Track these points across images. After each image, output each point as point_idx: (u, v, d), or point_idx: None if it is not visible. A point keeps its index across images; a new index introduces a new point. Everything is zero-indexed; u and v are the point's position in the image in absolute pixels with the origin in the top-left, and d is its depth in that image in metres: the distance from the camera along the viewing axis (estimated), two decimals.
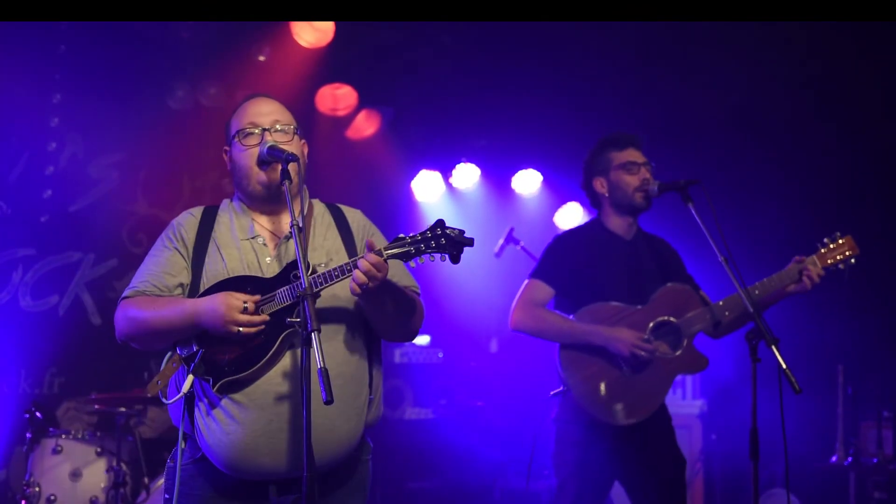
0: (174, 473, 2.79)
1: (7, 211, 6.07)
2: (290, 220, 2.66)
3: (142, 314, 2.79)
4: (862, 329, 6.61)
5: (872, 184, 6.82)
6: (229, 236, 2.90)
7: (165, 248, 2.91)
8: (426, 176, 7.51)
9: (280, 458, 2.70)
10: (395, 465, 6.91)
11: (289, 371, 2.72)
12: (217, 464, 2.74)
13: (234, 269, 2.83)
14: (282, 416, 2.70)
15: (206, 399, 2.74)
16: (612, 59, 6.48)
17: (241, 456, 2.69)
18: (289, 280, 2.74)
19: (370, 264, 2.64)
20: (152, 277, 2.86)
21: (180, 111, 6.45)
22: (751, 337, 3.57)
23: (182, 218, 2.99)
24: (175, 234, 2.93)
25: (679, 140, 6.81)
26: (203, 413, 2.74)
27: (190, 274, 2.86)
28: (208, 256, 2.86)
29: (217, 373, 2.70)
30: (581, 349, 3.99)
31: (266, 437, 2.68)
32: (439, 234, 2.70)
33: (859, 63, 6.22)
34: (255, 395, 2.70)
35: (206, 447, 2.74)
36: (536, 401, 6.64)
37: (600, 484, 4.06)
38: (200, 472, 2.80)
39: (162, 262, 2.88)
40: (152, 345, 2.88)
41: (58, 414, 5.92)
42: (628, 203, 4.17)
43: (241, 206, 2.98)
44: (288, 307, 2.70)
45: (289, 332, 2.70)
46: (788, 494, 3.91)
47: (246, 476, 2.74)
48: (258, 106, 2.98)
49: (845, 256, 4.07)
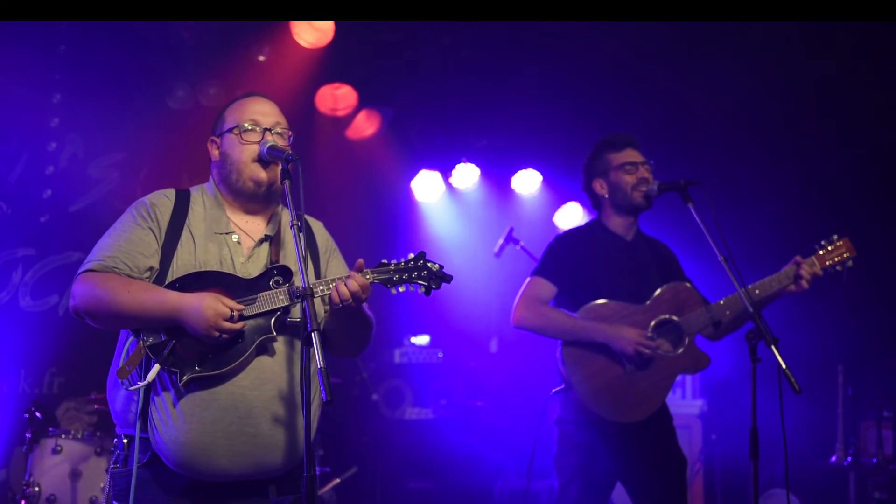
0: (121, 480, 2.72)
1: (7, 211, 6.06)
2: (291, 219, 2.65)
3: (114, 295, 2.68)
4: (862, 329, 6.61)
5: (872, 184, 6.82)
6: (203, 227, 2.85)
7: (138, 226, 2.80)
8: (426, 176, 7.51)
9: (237, 460, 2.67)
10: (395, 465, 6.91)
11: (257, 374, 2.71)
12: (169, 463, 2.67)
13: (205, 262, 2.78)
14: (244, 418, 2.68)
15: (163, 393, 2.68)
16: (612, 59, 6.48)
17: (197, 455, 2.64)
18: (268, 285, 2.74)
19: (358, 286, 2.68)
20: (122, 254, 2.75)
21: (180, 111, 6.45)
22: (750, 337, 3.57)
23: (156, 198, 2.88)
24: (150, 213, 2.82)
25: (679, 140, 6.81)
26: (159, 407, 2.67)
27: (159, 258, 2.77)
28: (181, 244, 2.80)
29: (185, 366, 2.66)
30: (583, 346, 4.00)
31: (225, 439, 2.66)
32: (421, 265, 2.81)
33: (859, 63, 6.22)
34: (220, 395, 2.67)
35: (159, 445, 2.67)
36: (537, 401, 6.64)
37: (603, 485, 4.06)
38: (152, 477, 2.70)
39: (134, 241, 2.77)
40: (112, 325, 2.78)
41: (57, 414, 5.91)
42: (628, 203, 4.18)
43: (216, 199, 2.92)
44: (268, 312, 2.70)
45: (265, 337, 2.70)
46: (788, 494, 3.91)
47: (198, 476, 2.68)
48: (259, 105, 2.98)
49: (843, 258, 4.11)
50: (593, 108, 6.82)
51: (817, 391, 6.47)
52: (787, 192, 6.99)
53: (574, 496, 4.01)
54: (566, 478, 4.06)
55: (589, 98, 6.83)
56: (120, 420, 2.80)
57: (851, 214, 6.60)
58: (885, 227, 6.64)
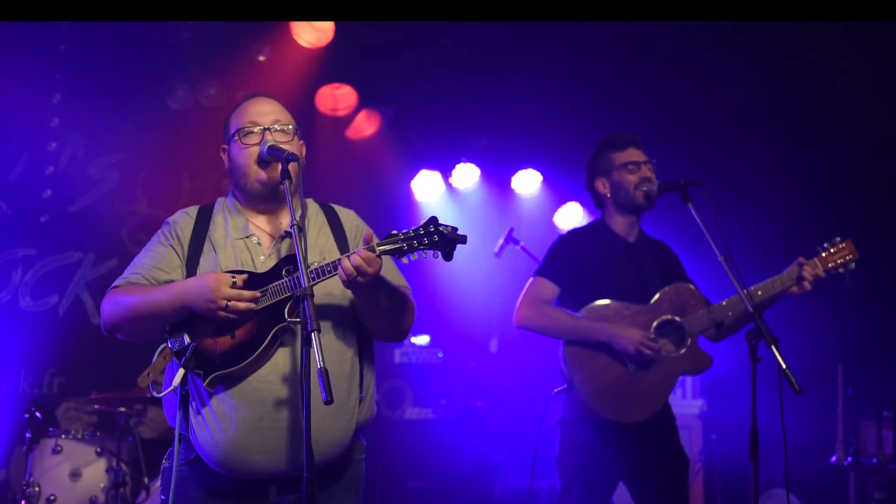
0: (170, 474, 2.79)
1: (7, 211, 6.07)
2: (290, 219, 2.66)
3: (129, 299, 2.79)
4: (862, 329, 6.61)
5: (872, 184, 6.82)
6: (224, 235, 2.91)
7: (160, 245, 2.92)
8: (426, 176, 7.51)
9: (271, 457, 2.70)
10: (395, 465, 6.91)
11: (280, 369, 2.73)
12: (210, 463, 2.75)
13: (226, 266, 2.83)
14: (273, 414, 2.70)
15: (198, 397, 2.75)
16: (612, 59, 6.48)
17: (233, 454, 2.69)
18: (280, 275, 2.74)
19: (361, 259, 2.64)
20: (144, 270, 2.87)
21: (180, 111, 6.45)
22: (751, 337, 3.57)
23: (177, 216, 2.99)
24: (171, 231, 2.93)
25: (679, 140, 6.81)
26: (195, 411, 2.75)
27: (184, 272, 2.86)
28: (203, 255, 2.87)
29: (208, 366, 2.70)
30: (586, 346, 4.00)
31: (257, 435, 2.69)
32: (432, 230, 2.67)
33: (859, 63, 6.22)
34: (247, 392, 2.70)
35: (198, 446, 2.75)
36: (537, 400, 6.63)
37: (605, 486, 4.06)
38: (194, 474, 2.80)
39: (156, 258, 2.89)
40: (139, 333, 2.86)
41: (57, 414, 5.91)
42: (630, 202, 4.18)
43: (236, 205, 2.98)
44: (280, 302, 2.71)
45: (281, 326, 2.71)
46: (788, 494, 3.91)
47: (238, 475, 2.74)
48: (259, 105, 2.99)
49: (846, 260, 4.11)
50: (593, 108, 6.82)
51: (817, 391, 6.47)
52: (788, 192, 6.98)
53: (577, 496, 4.01)
54: (568, 478, 4.05)
55: (589, 98, 6.82)
56: (172, 418, 2.87)
57: (852, 215, 6.60)
58: (885, 227, 6.64)
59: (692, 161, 6.57)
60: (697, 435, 6.68)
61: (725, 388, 6.71)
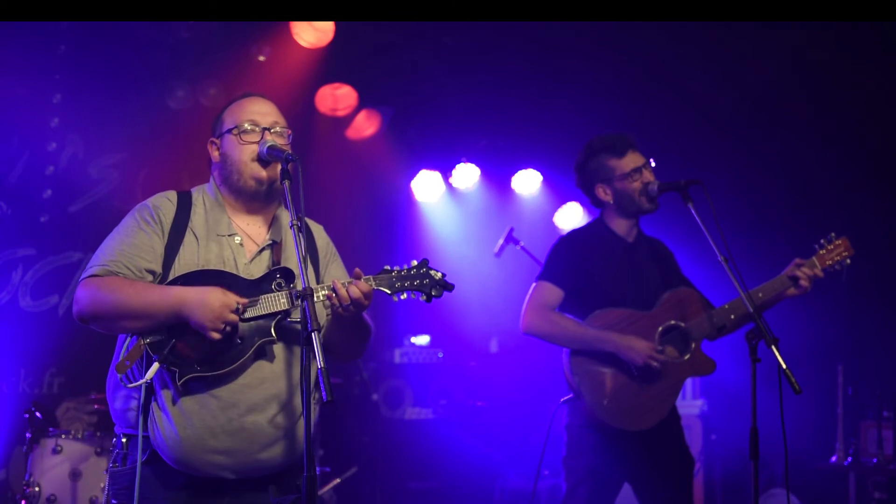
0: (122, 478, 2.73)
1: (7, 211, 6.06)
2: (290, 219, 2.66)
3: (117, 295, 2.68)
4: (862, 329, 6.61)
5: (871, 184, 6.82)
6: (205, 229, 2.86)
7: (142, 230, 2.81)
8: (426, 176, 7.51)
9: (236, 458, 2.69)
10: (395, 465, 6.91)
11: (256, 374, 2.72)
12: (167, 459, 2.69)
13: (208, 262, 2.79)
14: (243, 417, 2.69)
15: (163, 391, 2.69)
16: (612, 59, 6.48)
17: (194, 452, 2.66)
18: (270, 286, 2.74)
19: (361, 293, 2.69)
20: (125, 258, 2.75)
21: (180, 111, 6.44)
22: (751, 337, 3.57)
23: (158, 200, 2.90)
24: (153, 216, 2.83)
25: (678, 140, 6.81)
26: (159, 405, 2.69)
27: (162, 260, 2.78)
28: (183, 245, 2.81)
29: (184, 367, 2.66)
30: (591, 355, 3.99)
31: (226, 435, 2.67)
32: (423, 272, 2.82)
33: (858, 63, 6.21)
34: (220, 393, 2.69)
35: (158, 443, 2.69)
36: (537, 400, 6.64)
37: (611, 488, 4.07)
38: (152, 474, 2.72)
39: (137, 244, 2.78)
40: (119, 328, 2.76)
41: (57, 414, 5.91)
42: (636, 208, 4.17)
43: (218, 199, 2.93)
44: (268, 315, 2.70)
45: (265, 339, 2.71)
46: (788, 494, 3.91)
47: (195, 473, 2.70)
48: (258, 105, 2.99)
49: (842, 257, 4.12)
50: (593, 108, 6.82)
51: (817, 391, 6.47)
52: (787, 192, 6.99)
53: (583, 498, 4.01)
54: (575, 480, 4.05)
55: (589, 98, 6.82)
56: (119, 419, 2.81)
57: (851, 214, 6.60)
58: (884, 226, 6.64)
59: (692, 161, 6.58)
60: (697, 435, 6.68)
61: (725, 388, 6.71)
